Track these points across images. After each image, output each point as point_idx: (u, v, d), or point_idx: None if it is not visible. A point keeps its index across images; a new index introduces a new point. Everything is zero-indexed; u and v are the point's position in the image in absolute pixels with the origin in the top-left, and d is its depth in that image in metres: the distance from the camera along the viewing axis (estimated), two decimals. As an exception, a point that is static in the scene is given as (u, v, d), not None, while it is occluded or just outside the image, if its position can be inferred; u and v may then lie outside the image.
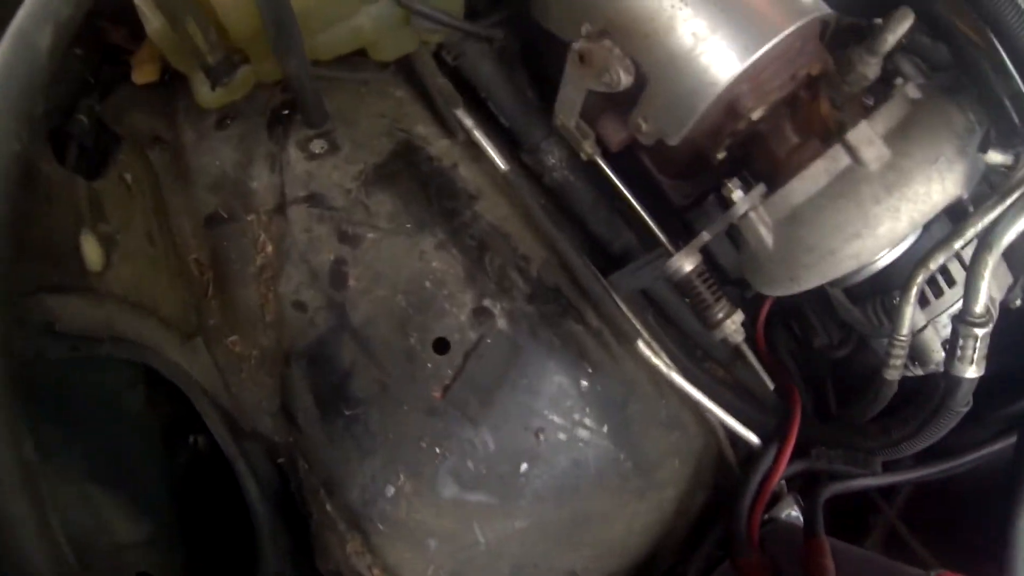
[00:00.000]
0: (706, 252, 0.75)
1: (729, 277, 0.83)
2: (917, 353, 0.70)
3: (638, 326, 0.71)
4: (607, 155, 0.72)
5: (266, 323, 0.59)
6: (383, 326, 0.59)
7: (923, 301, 0.68)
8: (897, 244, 0.62)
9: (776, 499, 0.80)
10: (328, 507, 0.56)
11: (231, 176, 0.62)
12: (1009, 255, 0.74)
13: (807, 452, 0.81)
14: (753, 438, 0.77)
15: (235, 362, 0.58)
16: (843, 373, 0.89)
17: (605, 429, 0.67)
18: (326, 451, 0.57)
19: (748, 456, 0.80)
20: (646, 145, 0.67)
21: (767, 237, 0.61)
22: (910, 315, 0.64)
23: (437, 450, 0.59)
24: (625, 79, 0.59)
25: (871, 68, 0.59)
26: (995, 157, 0.60)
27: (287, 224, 0.60)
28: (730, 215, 0.62)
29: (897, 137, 0.58)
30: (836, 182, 0.58)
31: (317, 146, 0.63)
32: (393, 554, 0.58)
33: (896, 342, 0.65)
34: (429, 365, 0.60)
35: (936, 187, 0.56)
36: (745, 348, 0.74)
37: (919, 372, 0.72)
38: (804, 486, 0.82)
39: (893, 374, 0.68)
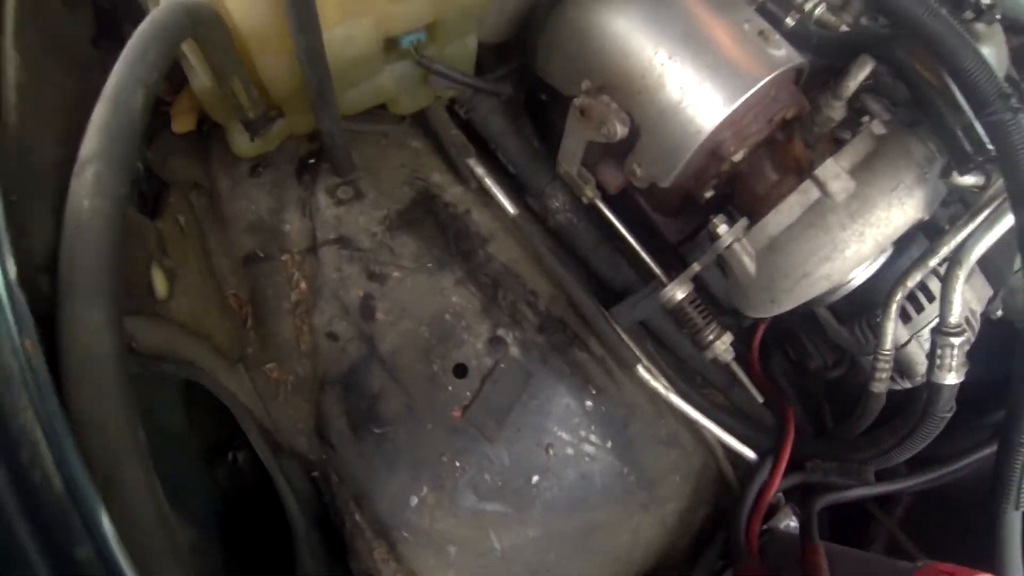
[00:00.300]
0: (702, 284, 0.83)
1: (723, 307, 0.91)
2: (903, 367, 0.76)
3: (638, 353, 0.79)
4: (606, 198, 0.81)
5: (301, 352, 0.66)
6: (408, 354, 0.67)
7: (906, 317, 0.74)
8: (865, 264, 0.69)
9: (774, 511, 0.85)
10: (358, 517, 0.63)
11: (266, 219, 0.70)
12: (989, 269, 0.81)
13: (803, 467, 0.87)
14: (750, 454, 0.83)
15: (272, 387, 0.66)
16: (838, 392, 0.95)
17: (609, 445, 0.73)
18: (357, 467, 0.64)
19: (747, 472, 0.86)
20: (640, 188, 0.76)
21: (750, 265, 0.68)
22: (892, 330, 0.71)
23: (457, 464, 0.66)
24: (621, 131, 0.67)
25: (836, 111, 0.68)
26: (966, 180, 0.67)
27: (319, 264, 0.68)
28: (717, 247, 0.69)
29: (862, 169, 0.66)
30: (808, 213, 0.65)
31: (344, 193, 0.71)
32: (416, 560, 0.64)
33: (880, 356, 0.72)
34: (450, 388, 0.67)
35: (896, 211, 0.64)
36: (735, 367, 0.81)
37: (906, 385, 0.77)
38: (802, 498, 0.88)
39: (879, 387, 0.74)
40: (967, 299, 0.77)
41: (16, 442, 0.31)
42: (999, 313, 0.84)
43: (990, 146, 0.63)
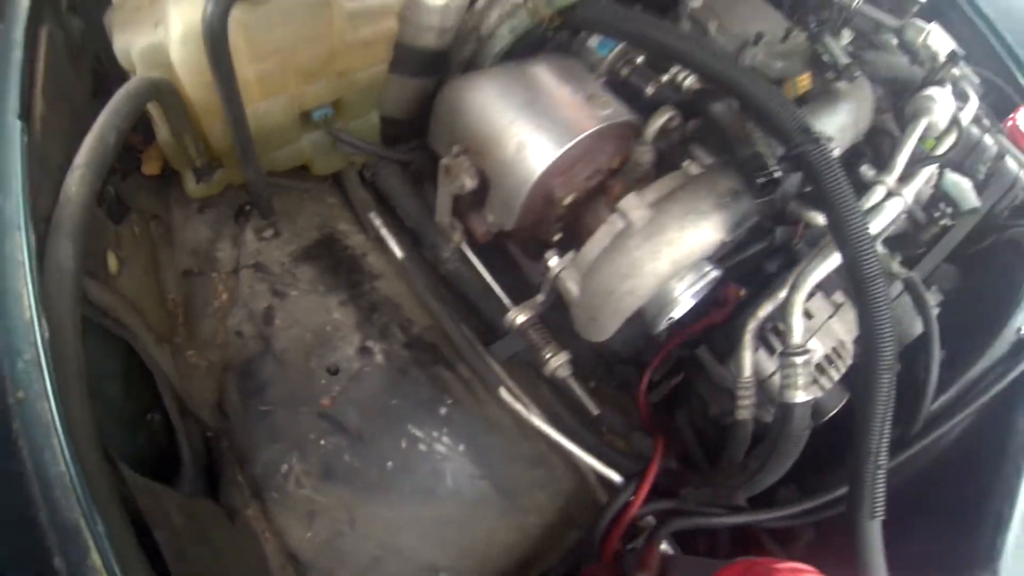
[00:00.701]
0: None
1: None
2: (771, 395, 0.90)
3: (503, 377, 0.99)
4: (484, 247, 1.04)
5: (215, 345, 0.90)
6: (294, 353, 0.90)
7: (771, 349, 0.91)
8: (679, 282, 0.87)
9: (639, 532, 0.99)
10: (239, 477, 0.83)
11: (204, 247, 0.97)
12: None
13: (678, 495, 1.02)
14: (616, 476, 0.99)
15: (190, 369, 0.88)
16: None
17: (461, 448, 0.92)
18: (243, 435, 0.84)
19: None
20: (507, 234, 1.00)
21: (575, 290, 0.89)
22: (748, 359, 0.88)
23: (322, 443, 0.86)
24: (470, 184, 0.92)
25: (644, 155, 0.90)
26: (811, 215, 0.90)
27: (238, 281, 0.94)
28: (548, 277, 0.91)
29: (664, 200, 0.85)
30: (615, 240, 0.85)
31: (266, 232, 1.00)
32: (280, 519, 0.82)
33: (740, 385, 0.88)
34: (323, 382, 0.89)
35: (690, 233, 0.82)
36: (572, 383, 0.99)
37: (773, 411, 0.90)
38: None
39: (743, 414, 0.90)
40: (835, 330, 0.94)
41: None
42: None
43: (772, 168, 0.83)
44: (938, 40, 1.31)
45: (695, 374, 1.07)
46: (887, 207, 0.94)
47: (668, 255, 0.83)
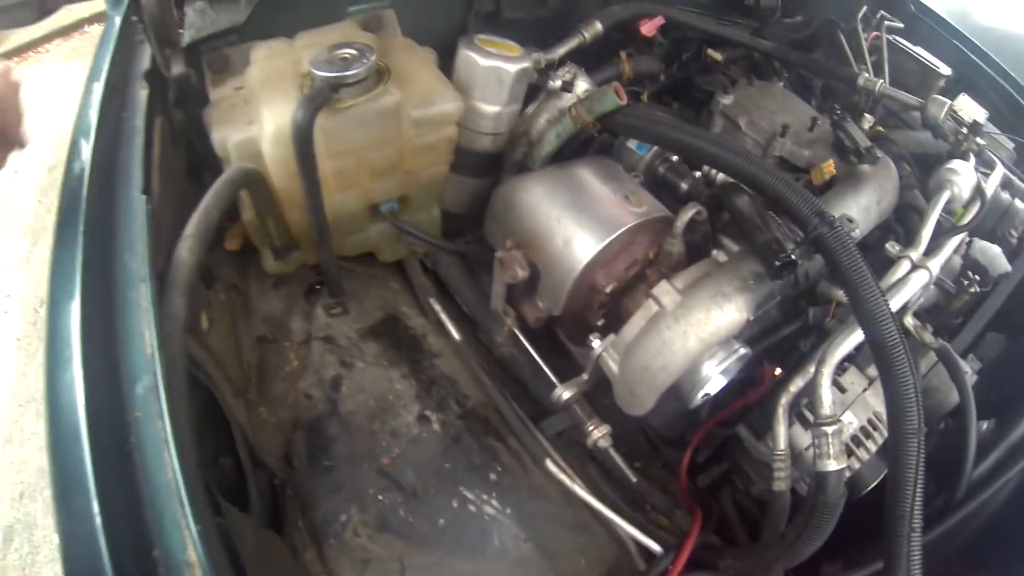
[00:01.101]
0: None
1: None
2: (807, 467, 0.98)
3: (550, 450, 1.11)
4: (527, 331, 1.19)
5: (286, 404, 1.05)
6: (359, 416, 1.05)
7: (805, 423, 1.00)
8: (709, 359, 0.98)
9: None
10: (300, 522, 0.96)
11: (278, 317, 1.14)
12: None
13: (717, 567, 1.09)
14: (656, 547, 1.08)
15: (261, 423, 1.02)
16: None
17: (509, 512, 1.04)
18: (308, 486, 0.97)
19: (664, 572, 1.09)
20: (555, 321, 1.15)
21: (615, 367, 1.02)
22: (782, 432, 0.97)
23: (380, 498, 0.99)
24: (522, 274, 1.08)
25: (674, 246, 1.05)
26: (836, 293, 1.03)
27: (309, 351, 1.11)
28: (592, 357, 1.05)
29: (693, 286, 0.99)
30: (649, 323, 0.99)
31: (335, 310, 1.18)
32: (336, 564, 0.93)
33: (776, 457, 0.97)
34: (384, 443, 1.04)
35: (716, 313, 0.95)
36: (612, 452, 1.10)
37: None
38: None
39: (780, 485, 0.98)
40: (870, 402, 1.05)
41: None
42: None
43: (788, 251, 0.96)
44: (968, 111, 1.45)
45: (738, 453, 1.17)
46: (912, 279, 1.06)
47: (696, 334, 0.96)
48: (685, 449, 1.19)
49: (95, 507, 0.59)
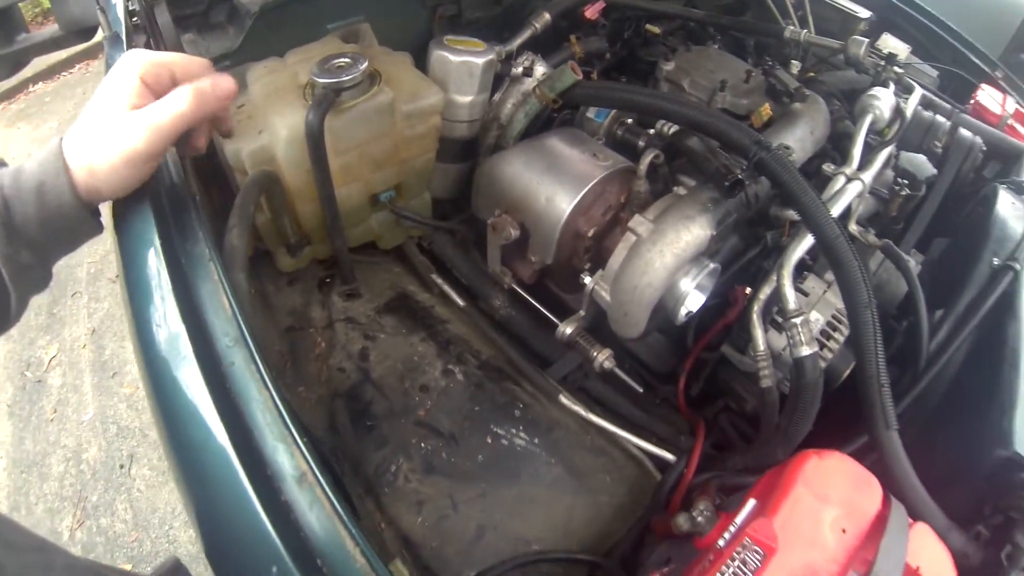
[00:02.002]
0: (633, 355, 1.46)
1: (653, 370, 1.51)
2: (786, 363, 1.27)
3: (560, 389, 1.38)
4: (526, 286, 1.48)
5: (321, 382, 1.30)
6: (390, 379, 1.31)
7: (779, 328, 1.29)
8: (683, 274, 1.25)
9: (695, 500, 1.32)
10: (354, 480, 1.21)
11: (299, 309, 1.39)
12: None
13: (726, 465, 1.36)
14: (668, 455, 1.35)
15: (302, 402, 1.26)
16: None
17: (536, 441, 1.30)
18: (355, 447, 1.22)
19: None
20: (543, 274, 1.43)
21: (607, 297, 1.30)
22: (759, 336, 1.23)
23: (423, 445, 1.25)
24: (514, 233, 1.36)
25: (641, 187, 1.33)
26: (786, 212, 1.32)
27: (334, 332, 1.37)
28: (585, 293, 1.33)
29: (662, 215, 1.27)
30: (630, 251, 1.26)
31: (350, 294, 1.44)
32: (393, 510, 1.17)
33: (758, 358, 1.24)
34: (416, 399, 1.29)
35: (684, 232, 1.22)
36: (620, 372, 1.38)
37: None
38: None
39: (767, 382, 1.24)
40: (831, 300, 1.34)
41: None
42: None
43: (735, 174, 1.25)
44: (891, 47, 1.81)
45: (727, 375, 1.44)
46: (848, 190, 1.35)
47: (671, 251, 1.24)
48: (678, 382, 1.47)
49: (225, 436, 0.79)
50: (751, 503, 0.94)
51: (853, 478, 0.95)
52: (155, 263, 0.93)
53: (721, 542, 0.91)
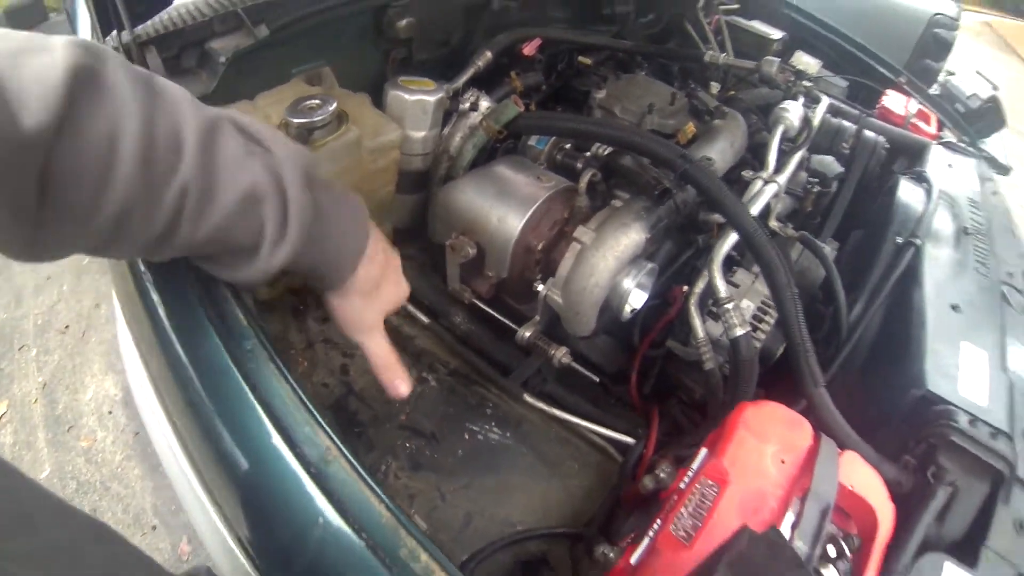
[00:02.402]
0: (586, 358, 1.70)
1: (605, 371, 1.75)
2: (726, 350, 1.48)
3: (522, 390, 1.61)
4: (485, 301, 1.71)
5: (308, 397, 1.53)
6: (371, 389, 1.51)
7: (715, 316, 1.51)
8: (624, 275, 1.51)
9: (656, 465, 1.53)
10: None
11: (279, 334, 1.60)
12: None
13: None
14: (627, 438, 1.57)
15: None
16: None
17: (508, 435, 1.52)
18: (345, 451, 1.45)
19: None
20: (499, 288, 1.67)
21: (559, 299, 1.55)
22: (697, 325, 1.46)
23: (408, 445, 1.45)
24: (471, 252, 1.60)
25: (582, 202, 1.59)
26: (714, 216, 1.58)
27: (314, 352, 1.57)
28: (540, 299, 1.57)
29: (602, 224, 1.53)
30: (577, 257, 1.51)
31: (324, 319, 1.66)
32: None
33: (699, 345, 1.48)
34: (397, 405, 1.51)
35: (622, 237, 1.48)
36: (576, 366, 1.61)
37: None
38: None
39: (709, 364, 1.47)
40: (760, 289, 1.58)
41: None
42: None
43: (664, 184, 1.53)
44: (804, 63, 2.12)
45: (674, 369, 1.68)
46: (765, 191, 1.62)
47: (612, 255, 1.49)
48: (630, 380, 1.70)
49: (264, 415, 0.99)
50: (703, 452, 1.16)
51: (785, 420, 1.16)
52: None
53: (682, 485, 1.11)
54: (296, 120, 1.36)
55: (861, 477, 1.10)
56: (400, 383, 1.16)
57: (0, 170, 0.65)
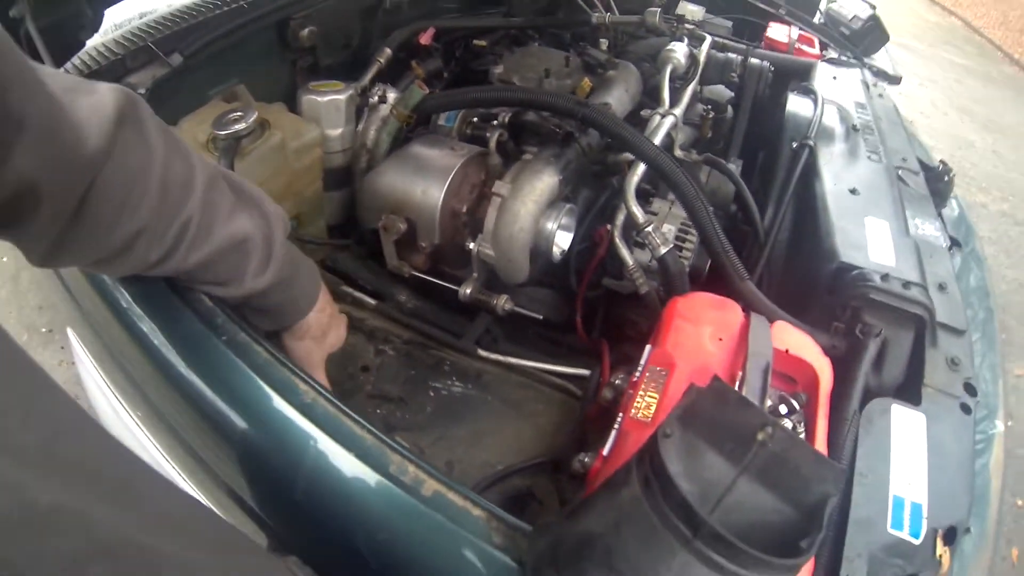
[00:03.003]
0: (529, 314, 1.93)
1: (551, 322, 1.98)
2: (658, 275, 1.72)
3: (475, 347, 1.83)
4: (423, 272, 1.93)
5: None
6: (334, 368, 1.68)
7: (641, 246, 1.76)
8: (538, 217, 1.71)
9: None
10: None
11: None
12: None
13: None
14: (584, 371, 1.81)
15: None
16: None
17: (469, 386, 1.72)
18: None
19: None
20: (435, 259, 1.90)
21: (491, 251, 1.77)
22: (625, 254, 1.67)
23: (379, 411, 1.64)
24: (402, 227, 1.80)
25: (495, 161, 1.81)
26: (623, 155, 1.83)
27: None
28: (472, 255, 1.80)
29: (518, 175, 1.75)
30: (499, 209, 1.71)
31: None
32: None
33: (630, 272, 1.70)
34: (361, 378, 1.71)
35: (537, 182, 1.69)
36: (519, 309, 1.84)
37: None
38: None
39: (643, 288, 1.68)
40: (677, 213, 1.81)
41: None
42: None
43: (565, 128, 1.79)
44: (689, 11, 2.42)
45: (615, 305, 1.92)
46: (664, 123, 1.87)
47: (531, 199, 1.70)
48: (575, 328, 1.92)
49: (246, 367, 1.13)
50: (648, 348, 1.32)
51: (715, 303, 1.35)
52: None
53: (634, 379, 1.28)
54: (223, 132, 1.53)
55: (794, 340, 1.27)
56: None
57: (59, 184, 0.82)
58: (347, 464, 1.07)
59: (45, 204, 0.81)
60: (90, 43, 1.59)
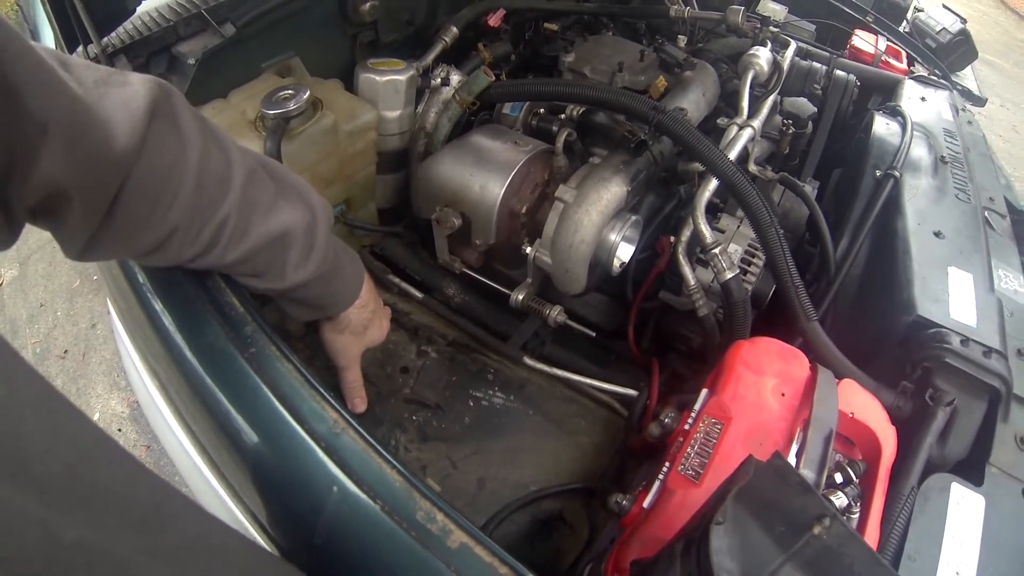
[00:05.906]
0: (583, 319, 1.81)
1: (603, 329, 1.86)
2: (718, 296, 1.60)
3: (522, 353, 1.72)
4: (474, 269, 1.82)
5: None
6: (372, 367, 1.62)
7: (704, 264, 1.64)
8: (610, 229, 1.63)
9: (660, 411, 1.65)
10: None
11: (277, 326, 1.73)
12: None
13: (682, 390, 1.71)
14: (631, 391, 1.69)
15: None
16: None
17: (512, 398, 1.63)
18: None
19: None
20: (489, 256, 1.78)
21: (548, 259, 1.66)
22: (688, 273, 1.58)
23: (414, 418, 1.56)
24: (456, 222, 1.70)
25: (560, 162, 1.71)
26: (693, 165, 1.69)
27: (314, 339, 1.69)
28: (530, 261, 1.68)
29: (583, 181, 1.64)
30: (561, 216, 1.61)
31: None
32: None
33: (691, 292, 1.59)
34: (400, 380, 1.61)
35: (603, 192, 1.59)
36: (572, 323, 1.73)
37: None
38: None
39: (703, 311, 1.59)
40: (745, 233, 1.70)
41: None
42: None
43: (639, 136, 1.64)
44: (771, 10, 2.25)
45: (670, 321, 1.80)
46: (742, 136, 1.74)
47: (595, 210, 1.60)
48: (627, 337, 1.81)
49: (270, 394, 1.04)
50: (704, 392, 1.24)
51: (781, 353, 1.25)
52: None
53: (686, 427, 1.19)
54: (272, 111, 1.46)
55: (860, 403, 1.18)
56: (359, 402, 1.39)
57: (89, 186, 0.78)
58: (371, 514, 0.99)
59: (77, 204, 0.79)
60: (140, 9, 1.46)
